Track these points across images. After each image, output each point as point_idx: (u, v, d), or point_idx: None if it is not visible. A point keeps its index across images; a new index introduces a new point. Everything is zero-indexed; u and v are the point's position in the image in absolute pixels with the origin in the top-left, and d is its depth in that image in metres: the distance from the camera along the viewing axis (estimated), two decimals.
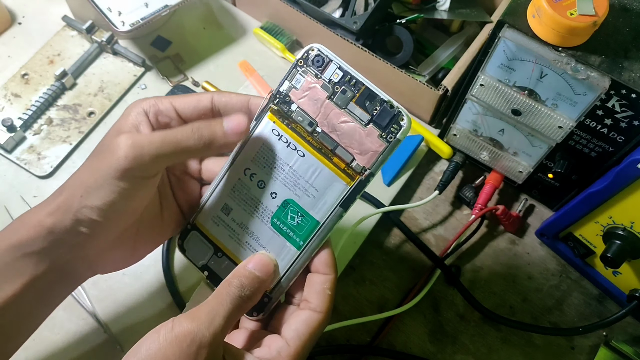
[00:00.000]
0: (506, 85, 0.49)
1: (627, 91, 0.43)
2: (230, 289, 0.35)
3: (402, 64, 0.61)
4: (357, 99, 0.36)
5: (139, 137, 0.35)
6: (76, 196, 0.35)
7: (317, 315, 0.36)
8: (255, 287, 0.36)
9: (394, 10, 0.63)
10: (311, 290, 0.37)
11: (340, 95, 0.36)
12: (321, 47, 0.36)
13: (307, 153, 0.37)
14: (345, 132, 0.36)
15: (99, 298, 0.51)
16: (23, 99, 0.60)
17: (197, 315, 0.33)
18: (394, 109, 0.35)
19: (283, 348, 0.35)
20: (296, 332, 0.36)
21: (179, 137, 0.35)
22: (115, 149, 0.34)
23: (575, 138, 0.50)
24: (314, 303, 0.37)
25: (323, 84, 0.36)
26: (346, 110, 0.36)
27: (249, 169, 0.38)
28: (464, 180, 0.62)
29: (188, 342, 0.32)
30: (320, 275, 0.37)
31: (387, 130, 0.35)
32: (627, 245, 0.47)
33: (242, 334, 0.39)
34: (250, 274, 0.36)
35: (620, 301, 0.54)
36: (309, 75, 0.37)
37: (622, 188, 0.45)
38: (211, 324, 0.33)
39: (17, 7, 0.67)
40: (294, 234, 0.38)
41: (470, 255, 0.58)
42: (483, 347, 0.54)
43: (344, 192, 0.37)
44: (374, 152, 0.35)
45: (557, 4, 0.41)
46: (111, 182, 0.34)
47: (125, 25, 0.58)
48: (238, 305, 0.35)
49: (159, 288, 0.52)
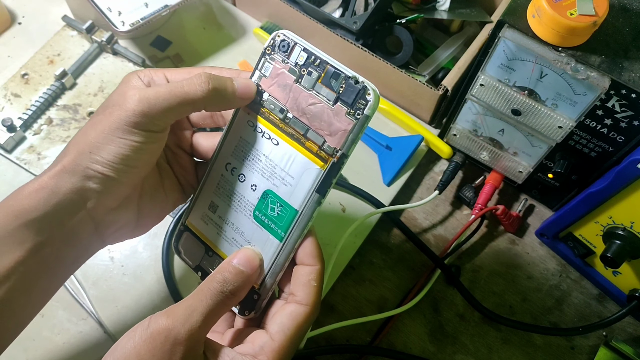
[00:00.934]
0: (506, 85, 0.49)
1: (627, 91, 0.43)
2: (212, 284, 0.34)
3: (402, 64, 0.61)
4: (323, 79, 0.35)
5: (147, 90, 0.35)
6: (84, 153, 0.35)
7: (303, 308, 0.35)
8: (240, 281, 0.35)
9: (394, 10, 0.63)
10: (296, 282, 0.36)
11: (306, 77, 0.35)
12: (287, 32, 0.36)
13: (281, 140, 0.36)
14: (314, 115, 0.35)
15: (99, 298, 0.51)
16: (23, 99, 0.60)
17: (173, 312, 0.32)
18: (359, 84, 0.34)
19: (267, 343, 0.34)
20: (280, 326, 0.35)
21: (186, 89, 0.35)
22: (124, 103, 0.34)
23: (575, 138, 0.50)
24: (299, 296, 0.36)
25: (290, 68, 0.36)
26: (314, 92, 0.35)
27: (229, 163, 0.38)
28: (464, 180, 0.62)
29: (162, 339, 0.31)
30: (305, 266, 0.37)
31: (354, 107, 0.34)
32: (627, 245, 0.47)
33: (231, 331, 0.38)
34: (234, 268, 0.35)
35: (620, 301, 0.54)
36: (276, 62, 0.36)
37: (622, 188, 0.45)
38: (187, 321, 0.32)
39: (17, 7, 0.67)
40: (275, 225, 0.37)
41: (470, 255, 0.58)
42: (483, 347, 0.54)
43: (319, 177, 0.36)
44: (344, 132, 0.35)
45: (557, 4, 0.41)
46: (121, 135, 0.34)
47: (125, 25, 0.58)
48: (220, 300, 0.34)
49: (159, 288, 0.52)
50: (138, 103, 0.34)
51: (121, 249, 0.54)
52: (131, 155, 0.35)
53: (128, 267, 0.53)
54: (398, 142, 0.60)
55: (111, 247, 0.54)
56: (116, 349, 0.32)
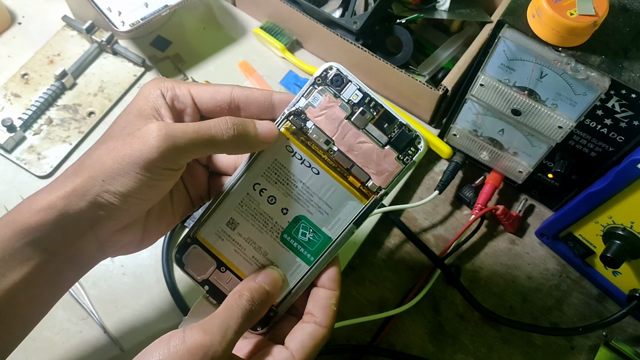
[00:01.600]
0: (506, 85, 0.49)
1: (627, 91, 0.43)
2: (241, 301, 0.35)
3: (402, 64, 0.61)
4: (376, 121, 0.37)
5: (173, 127, 0.33)
6: (97, 180, 0.34)
7: (322, 329, 0.36)
8: (263, 300, 0.36)
9: (394, 10, 0.63)
10: (317, 304, 0.37)
11: (359, 116, 0.37)
12: (340, 67, 0.37)
13: (322, 171, 0.37)
14: (362, 152, 0.37)
15: (99, 298, 0.51)
16: (23, 99, 0.60)
17: (209, 328, 0.32)
18: (412, 132, 0.36)
19: (288, 359, 0.35)
20: (302, 344, 0.36)
21: (213, 132, 0.34)
22: (147, 137, 0.33)
23: (575, 138, 0.50)
24: (320, 318, 0.37)
25: (342, 104, 0.37)
26: (364, 131, 0.37)
27: (258, 184, 0.38)
28: (464, 180, 0.62)
29: (200, 355, 0.31)
30: (327, 290, 0.38)
31: (404, 153, 0.36)
32: (627, 245, 0.47)
33: (245, 344, 0.38)
34: (260, 287, 0.36)
35: (620, 301, 0.54)
36: (327, 95, 0.37)
37: (622, 188, 0.45)
38: (224, 338, 0.32)
39: (17, 7, 0.67)
40: (305, 249, 0.38)
41: (470, 255, 0.58)
42: (483, 347, 0.54)
43: (359, 210, 0.37)
44: (390, 173, 0.37)
45: (557, 4, 0.41)
46: (138, 171, 0.33)
47: (125, 25, 0.58)
48: (247, 318, 0.35)
49: (159, 288, 0.52)
50: (163, 141, 0.33)
51: None
52: (144, 189, 0.34)
53: (128, 267, 0.53)
54: None
55: None
56: (147, 358, 0.31)
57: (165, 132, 0.33)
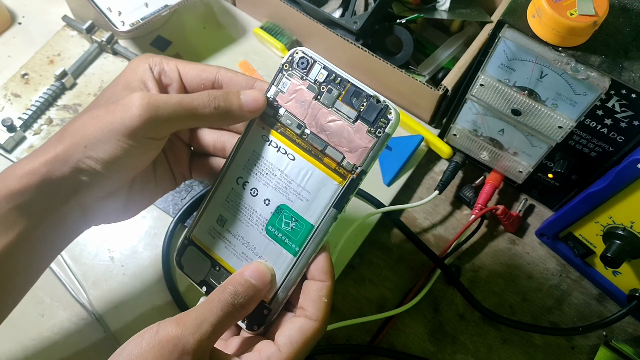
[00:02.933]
0: (506, 85, 0.49)
1: (627, 91, 0.43)
2: (223, 295, 0.34)
3: (402, 64, 0.61)
4: (343, 97, 0.36)
5: (156, 97, 0.34)
6: (79, 146, 0.34)
7: (312, 323, 0.35)
8: (250, 295, 0.35)
9: (394, 10, 0.63)
10: (307, 297, 0.36)
11: (326, 94, 0.36)
12: (305, 50, 0.37)
13: (297, 156, 0.37)
14: (333, 131, 0.36)
15: (99, 298, 0.51)
16: (23, 99, 0.60)
17: (183, 321, 0.32)
18: (381, 103, 0.35)
19: (274, 354, 0.34)
20: (289, 338, 0.35)
21: (195, 104, 0.35)
22: (129, 105, 0.34)
23: (575, 138, 0.50)
24: (310, 311, 0.36)
25: (309, 84, 0.36)
26: (333, 109, 0.36)
27: (241, 177, 0.38)
28: (464, 180, 0.62)
29: (171, 347, 0.31)
30: (317, 282, 0.37)
31: (375, 125, 0.35)
32: (627, 245, 0.47)
33: (237, 341, 0.38)
34: (246, 281, 0.35)
35: (620, 301, 0.54)
36: (294, 78, 0.37)
37: (622, 188, 0.45)
38: (197, 331, 0.32)
39: (17, 7, 0.67)
40: (290, 240, 0.37)
41: (470, 255, 0.58)
42: (483, 347, 0.54)
43: (337, 193, 0.36)
44: (364, 149, 0.35)
45: (557, 4, 0.41)
46: (120, 138, 0.34)
47: (125, 25, 0.58)
48: (229, 312, 0.34)
49: (159, 288, 0.52)
50: (145, 109, 0.33)
51: (121, 249, 0.54)
52: (126, 158, 0.35)
53: (128, 267, 0.53)
54: (398, 142, 0.60)
55: (111, 247, 0.54)
56: (122, 353, 0.31)
57: (147, 101, 0.34)
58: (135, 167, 0.37)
